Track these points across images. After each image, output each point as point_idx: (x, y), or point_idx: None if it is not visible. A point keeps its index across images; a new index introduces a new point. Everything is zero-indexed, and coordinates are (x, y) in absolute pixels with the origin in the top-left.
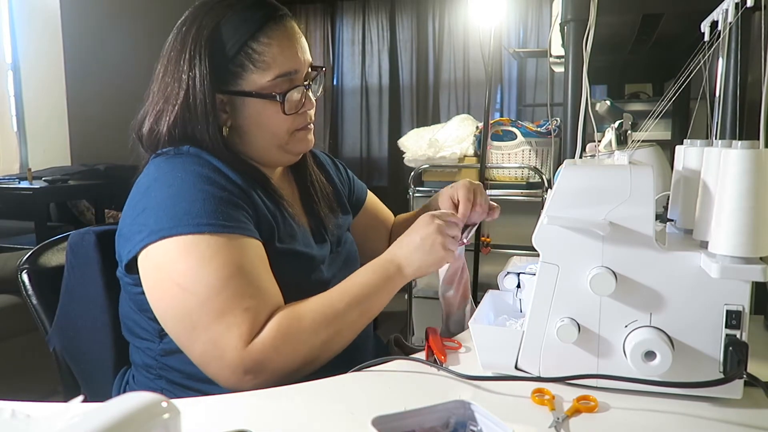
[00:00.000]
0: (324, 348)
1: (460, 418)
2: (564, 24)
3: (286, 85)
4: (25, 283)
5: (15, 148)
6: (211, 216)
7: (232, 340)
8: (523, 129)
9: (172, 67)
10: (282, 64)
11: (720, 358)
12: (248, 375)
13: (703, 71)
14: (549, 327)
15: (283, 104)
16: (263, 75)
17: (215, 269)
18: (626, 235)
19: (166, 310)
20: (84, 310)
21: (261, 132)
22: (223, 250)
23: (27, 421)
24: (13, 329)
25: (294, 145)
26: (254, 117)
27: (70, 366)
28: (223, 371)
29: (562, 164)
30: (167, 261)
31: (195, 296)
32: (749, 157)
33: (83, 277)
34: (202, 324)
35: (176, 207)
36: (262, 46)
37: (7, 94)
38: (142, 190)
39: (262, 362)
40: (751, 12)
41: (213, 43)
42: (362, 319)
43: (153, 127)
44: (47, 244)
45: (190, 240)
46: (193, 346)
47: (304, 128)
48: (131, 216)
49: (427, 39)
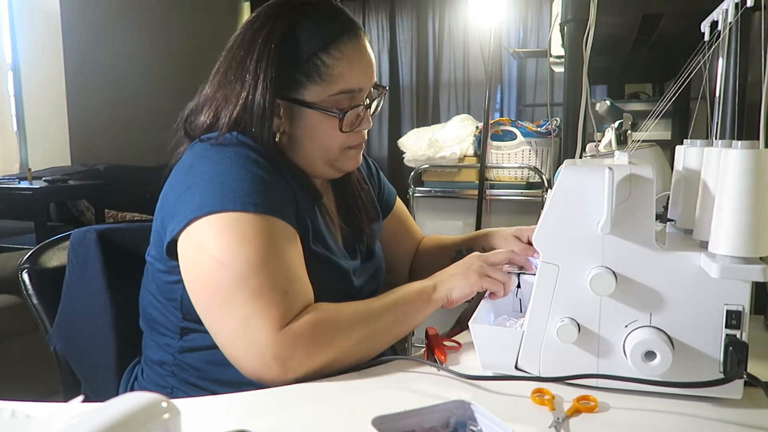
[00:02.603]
0: (356, 348)
1: (460, 418)
2: (564, 24)
3: (347, 102)
4: (26, 282)
5: (15, 148)
6: (258, 197)
7: (267, 321)
8: (523, 129)
9: (236, 65)
10: (348, 80)
11: (720, 358)
12: (276, 361)
13: (703, 71)
14: (549, 327)
15: (342, 121)
16: (327, 88)
17: (256, 248)
18: (626, 235)
19: (201, 285)
20: (85, 309)
21: (312, 144)
22: (265, 231)
23: (27, 421)
24: (13, 329)
25: (343, 162)
26: (309, 128)
27: (71, 365)
28: (249, 353)
29: (562, 164)
30: (209, 237)
31: (232, 272)
32: (749, 157)
33: (84, 276)
34: (237, 300)
35: (224, 185)
36: (332, 59)
37: (7, 94)
38: (184, 170)
39: (293, 349)
40: (751, 12)
41: (282, 48)
42: (397, 327)
43: (211, 123)
44: (48, 243)
45: (234, 217)
46: (223, 323)
47: (356, 147)
48: (174, 195)
49: (427, 39)
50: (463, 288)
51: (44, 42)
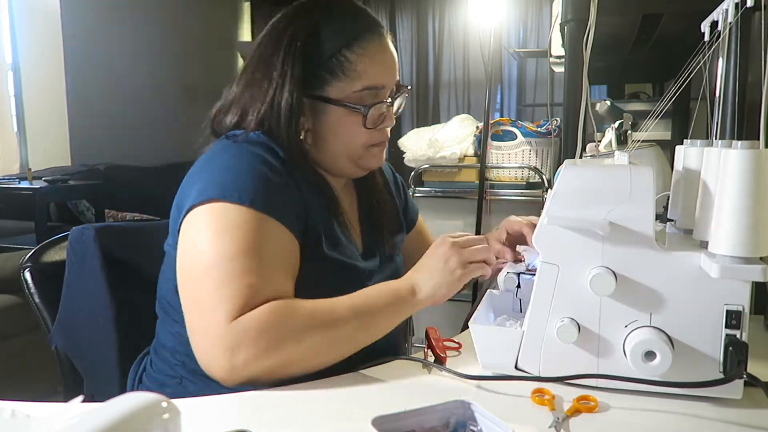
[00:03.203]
0: (312, 352)
1: (460, 418)
2: (564, 24)
3: (371, 98)
4: (28, 281)
5: (15, 148)
6: (257, 194)
7: (221, 312)
8: (523, 129)
9: (263, 64)
10: (372, 77)
11: (720, 358)
12: (223, 354)
13: (703, 71)
14: (549, 327)
15: (366, 117)
16: (351, 84)
17: (233, 239)
18: (626, 235)
19: (179, 268)
20: (84, 306)
21: (336, 140)
22: (250, 225)
23: (27, 421)
24: (13, 329)
25: (366, 160)
26: (333, 125)
27: (73, 363)
28: (201, 344)
29: (562, 164)
30: (200, 223)
31: (204, 259)
32: (749, 157)
33: (83, 273)
34: (202, 288)
35: (226, 176)
36: (355, 55)
37: (7, 94)
38: (201, 163)
39: (239, 343)
40: (751, 12)
41: (308, 46)
42: (361, 335)
43: (239, 121)
44: (49, 242)
45: (227, 207)
46: (189, 311)
47: (379, 144)
48: (189, 185)
49: (427, 39)
50: (449, 286)
51: (44, 42)
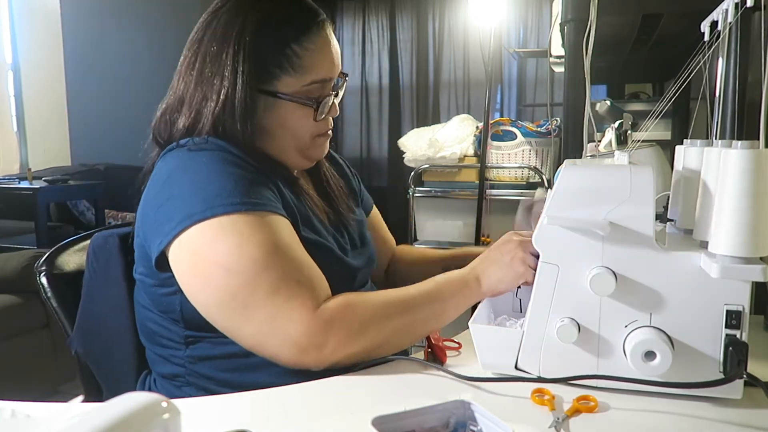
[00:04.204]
0: (392, 335)
1: (460, 418)
2: (564, 24)
3: (318, 91)
4: (44, 285)
5: (15, 148)
6: (244, 195)
7: (294, 312)
8: (523, 129)
9: (211, 60)
10: (319, 71)
11: (720, 358)
12: (312, 345)
13: (703, 71)
14: (549, 327)
15: (316, 110)
16: (299, 79)
17: (257, 246)
18: (626, 235)
19: (210, 296)
20: (106, 313)
21: (284, 134)
22: (260, 227)
23: (27, 421)
24: (13, 329)
25: (313, 150)
26: (281, 119)
27: (92, 369)
28: (284, 345)
29: (562, 164)
30: (205, 244)
31: (242, 275)
32: (749, 157)
33: (106, 280)
34: (255, 302)
35: (207, 190)
36: (303, 50)
37: (7, 94)
38: (161, 181)
39: (326, 334)
40: (751, 12)
41: (257, 40)
42: (434, 320)
43: (192, 123)
44: (63, 245)
45: (226, 220)
46: (246, 328)
47: (324, 134)
48: (153, 209)
49: (427, 39)
50: (510, 281)
51: (44, 42)
